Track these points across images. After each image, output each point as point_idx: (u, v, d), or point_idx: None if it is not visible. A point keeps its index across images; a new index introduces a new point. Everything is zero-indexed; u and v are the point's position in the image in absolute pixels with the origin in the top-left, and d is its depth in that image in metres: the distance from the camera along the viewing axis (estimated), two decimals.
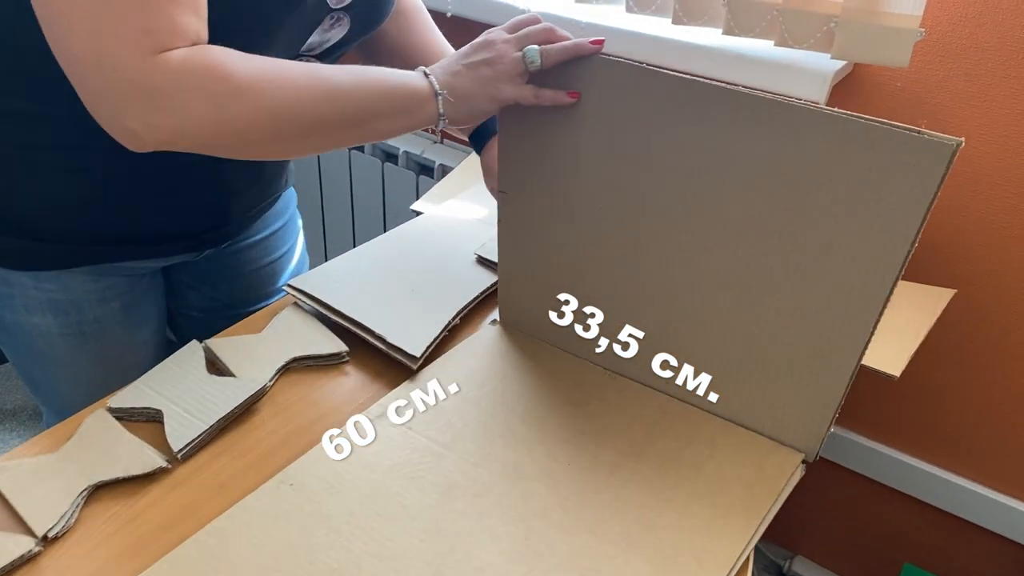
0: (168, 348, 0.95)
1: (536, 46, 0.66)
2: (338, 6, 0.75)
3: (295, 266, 1.06)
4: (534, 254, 0.79)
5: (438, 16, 1.35)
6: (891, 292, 0.60)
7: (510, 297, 0.83)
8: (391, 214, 1.57)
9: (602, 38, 0.65)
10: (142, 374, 0.75)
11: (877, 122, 0.56)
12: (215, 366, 0.77)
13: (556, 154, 0.72)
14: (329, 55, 0.81)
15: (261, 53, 0.68)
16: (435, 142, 1.50)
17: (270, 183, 0.94)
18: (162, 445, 0.69)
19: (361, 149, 1.54)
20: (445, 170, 1.43)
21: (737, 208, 0.64)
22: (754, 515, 0.65)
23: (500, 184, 0.78)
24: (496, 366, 0.80)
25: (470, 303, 0.85)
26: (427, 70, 0.68)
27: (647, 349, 0.76)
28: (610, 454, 0.70)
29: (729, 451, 0.71)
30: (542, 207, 0.75)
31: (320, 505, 0.63)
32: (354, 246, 1.64)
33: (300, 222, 1.08)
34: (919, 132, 0.54)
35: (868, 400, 1.24)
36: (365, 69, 0.66)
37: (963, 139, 0.53)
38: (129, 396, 0.72)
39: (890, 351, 0.86)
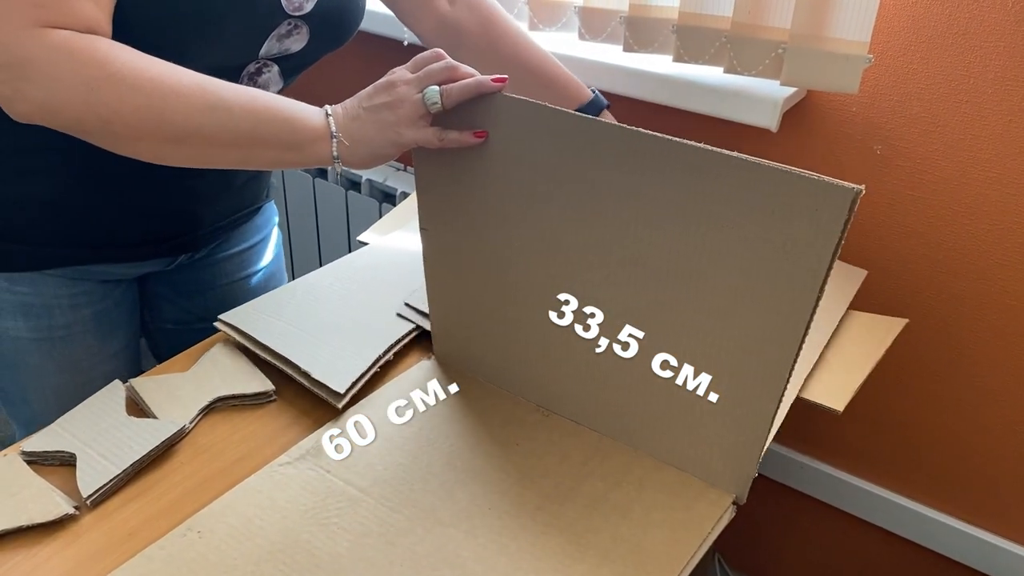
0: (140, 362, 0.95)
1: (436, 87, 0.64)
2: (295, 13, 0.74)
3: (272, 282, 1.05)
4: (461, 290, 0.77)
5: (395, 43, 1.34)
6: (805, 333, 0.58)
7: (443, 333, 0.82)
8: (355, 241, 1.56)
9: (504, 76, 0.64)
10: None
11: (779, 167, 0.54)
12: (137, 406, 0.76)
13: (471, 191, 0.70)
14: (291, 66, 0.81)
15: (209, 52, 0.69)
16: (397, 169, 1.49)
17: (241, 193, 0.94)
18: (74, 491, 0.67)
19: (324, 176, 1.53)
20: (407, 197, 1.42)
21: (646, 248, 0.63)
22: (678, 559, 0.63)
23: (421, 221, 0.76)
24: (424, 406, 0.78)
25: (400, 339, 0.83)
26: (329, 109, 0.66)
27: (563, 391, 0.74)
28: (534, 497, 0.68)
29: (658, 493, 0.69)
30: (463, 243, 0.74)
31: (226, 554, 0.62)
32: None
33: (279, 239, 1.08)
34: (819, 177, 0.53)
35: (831, 429, 1.22)
36: (264, 94, 0.66)
37: (863, 187, 0.52)
38: (43, 439, 0.70)
39: (836, 384, 0.84)
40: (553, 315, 0.72)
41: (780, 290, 0.58)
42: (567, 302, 0.70)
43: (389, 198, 1.47)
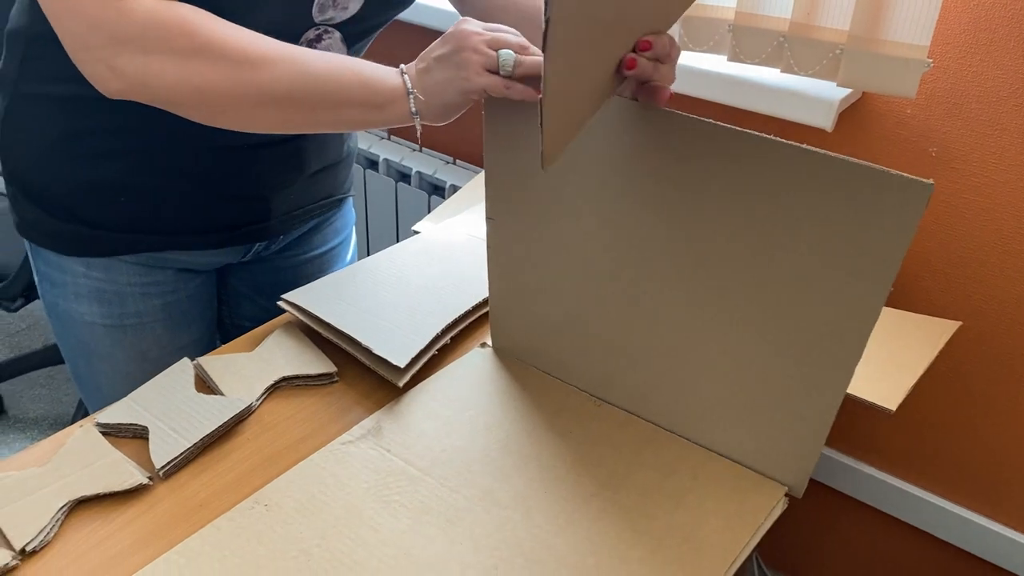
0: None
1: (512, 52, 0.65)
2: None
3: None
4: (523, 280, 0.79)
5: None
6: (871, 329, 0.59)
7: (500, 321, 0.83)
8: (404, 233, 1.58)
9: None
10: None
11: (855, 161, 0.55)
12: (205, 384, 0.78)
13: (539, 182, 0.72)
14: (353, 32, 0.81)
15: (261, 12, 0.70)
16: (447, 163, 1.51)
17: (315, 182, 0.95)
18: (146, 462, 0.69)
19: (375, 168, 1.56)
20: (456, 191, 1.44)
21: (719, 242, 0.64)
22: (731, 549, 0.64)
23: (488, 211, 0.78)
24: (482, 390, 0.80)
25: (457, 320, 0.85)
26: (403, 67, 0.68)
27: (635, 376, 0.75)
28: (589, 483, 0.70)
29: (711, 483, 0.70)
30: (528, 233, 0.76)
31: (292, 527, 0.64)
32: None
33: (356, 242, 1.10)
34: (896, 172, 0.54)
35: (877, 430, 1.22)
36: (343, 58, 0.68)
37: (933, 182, 0.52)
38: (117, 412, 0.73)
39: (889, 384, 0.84)
40: (614, 307, 0.73)
41: (850, 284, 0.59)
42: (630, 294, 0.71)
43: (438, 190, 1.49)
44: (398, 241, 1.61)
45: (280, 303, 0.86)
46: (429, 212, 1.51)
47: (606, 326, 0.75)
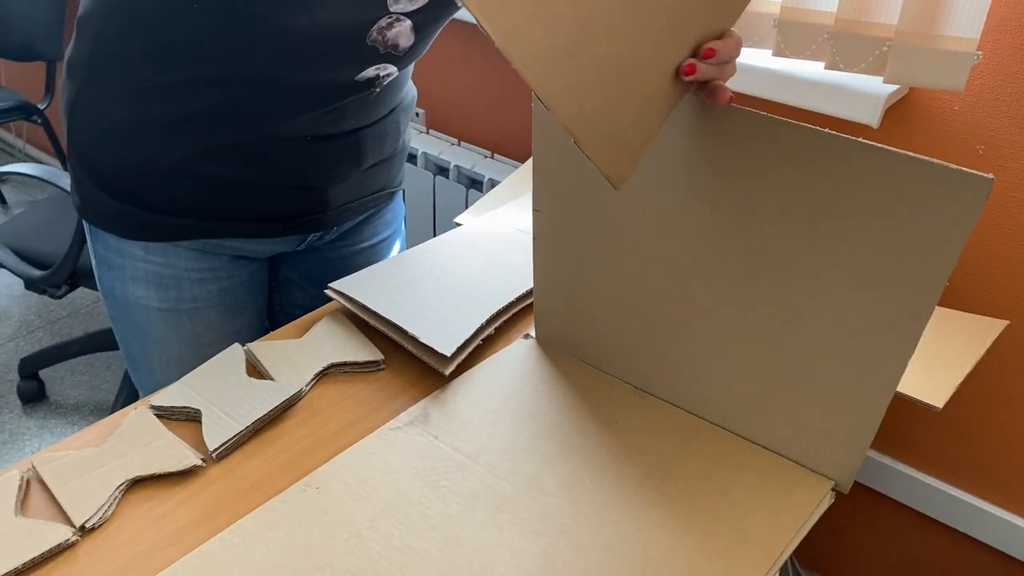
0: None
1: None
2: None
3: None
4: (569, 272, 0.79)
5: None
6: (925, 325, 0.59)
7: (544, 313, 0.84)
8: (441, 226, 1.59)
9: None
10: None
11: (914, 156, 0.55)
12: (255, 369, 0.80)
13: (587, 175, 0.72)
14: (423, 19, 0.80)
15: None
16: (485, 156, 1.52)
17: (371, 175, 0.96)
18: (199, 444, 0.71)
19: (414, 162, 1.57)
20: (495, 184, 1.45)
21: (771, 236, 0.64)
22: (778, 542, 0.64)
23: (535, 203, 0.78)
24: (526, 380, 0.80)
25: (501, 311, 0.86)
26: None
27: (680, 368, 0.76)
28: (635, 473, 0.70)
29: (757, 476, 0.70)
30: (576, 226, 0.76)
31: (343, 510, 0.65)
32: None
33: (404, 234, 1.12)
34: (956, 167, 0.53)
35: (914, 430, 1.21)
36: None
37: (994, 176, 0.52)
38: (170, 395, 0.75)
39: (935, 381, 0.84)
40: (661, 299, 0.73)
41: (905, 279, 0.58)
42: (677, 287, 0.72)
43: (476, 184, 1.50)
44: (435, 234, 1.62)
45: (327, 291, 0.87)
46: (467, 205, 1.52)
47: (652, 318, 0.75)
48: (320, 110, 0.82)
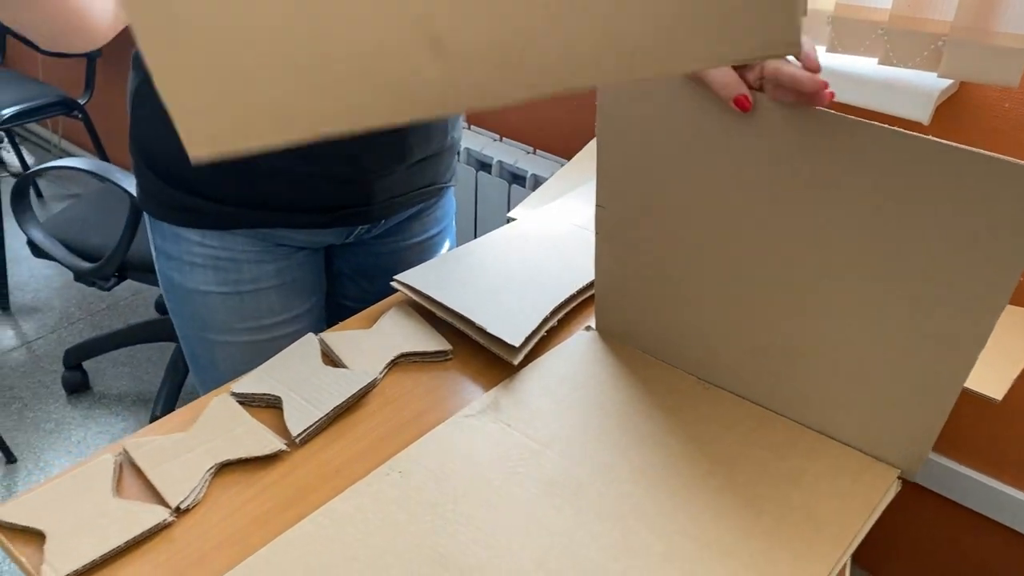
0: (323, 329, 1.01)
1: None
2: None
3: None
4: (631, 267, 0.81)
5: None
6: (997, 318, 0.60)
7: (606, 305, 0.86)
8: (483, 221, 1.61)
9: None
10: None
11: (992, 155, 0.56)
12: (329, 358, 0.82)
13: (654, 171, 0.74)
14: None
15: None
16: (528, 152, 1.54)
17: (418, 170, 0.98)
18: (280, 430, 0.73)
19: (457, 157, 1.59)
20: (537, 179, 1.47)
21: (841, 233, 0.65)
22: (849, 527, 0.66)
23: (598, 198, 0.80)
24: (591, 371, 0.82)
25: (564, 302, 0.88)
26: None
27: (746, 362, 0.77)
28: (705, 461, 0.72)
29: (825, 464, 0.72)
30: (640, 221, 0.78)
31: (427, 493, 0.67)
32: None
33: (454, 231, 1.14)
34: None
35: (964, 426, 1.22)
36: None
37: None
38: (250, 383, 0.77)
39: (992, 374, 0.85)
40: (725, 292, 0.75)
41: (977, 274, 0.60)
42: (741, 280, 0.73)
43: (518, 180, 1.52)
44: (477, 228, 1.64)
45: (393, 283, 0.89)
46: (510, 201, 1.54)
47: (717, 311, 0.77)
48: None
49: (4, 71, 2.39)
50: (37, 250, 1.67)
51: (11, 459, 1.76)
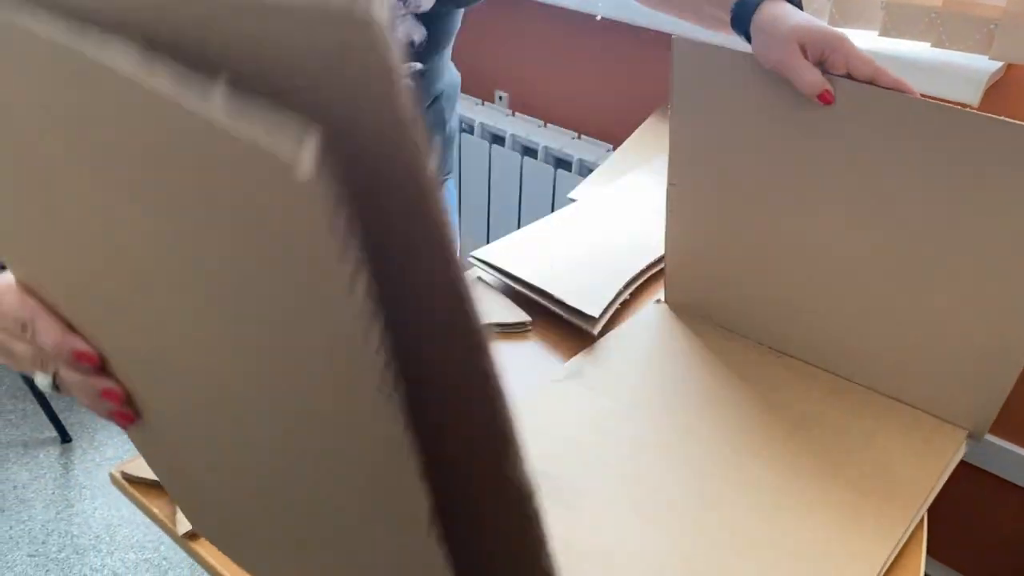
0: None
1: (49, 378, 0.47)
2: None
3: None
4: (702, 242, 0.85)
5: (587, 18, 1.42)
6: None
7: (676, 279, 0.89)
8: (527, 207, 1.65)
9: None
10: None
11: None
12: None
13: (727, 150, 0.77)
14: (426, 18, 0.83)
15: None
16: (573, 138, 1.57)
17: None
18: None
19: (501, 143, 1.63)
20: (583, 164, 1.50)
21: (906, 205, 0.69)
22: (925, 485, 0.70)
23: (669, 176, 0.84)
24: (665, 341, 0.86)
25: (636, 276, 0.91)
26: None
27: (817, 332, 0.81)
28: (781, 424, 0.75)
29: (897, 427, 0.76)
30: (711, 199, 0.81)
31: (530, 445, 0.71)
32: (488, 237, 1.73)
33: (458, 224, 1.17)
34: None
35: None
36: None
37: None
38: None
39: None
40: (796, 263, 0.78)
41: None
42: (811, 249, 0.77)
43: (564, 164, 1.55)
44: (521, 215, 1.68)
45: (470, 259, 0.93)
46: (555, 186, 1.58)
47: (786, 282, 0.80)
48: None
49: None
50: None
51: (66, 439, 1.81)
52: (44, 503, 1.68)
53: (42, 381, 0.46)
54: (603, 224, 1.02)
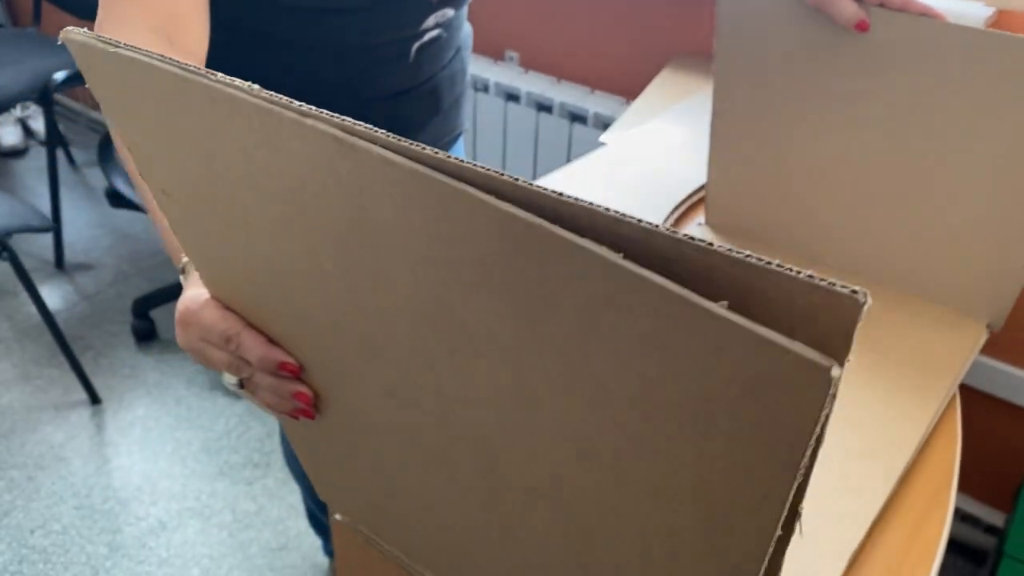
0: None
1: (235, 378, 0.54)
2: None
3: None
4: (744, 165, 0.94)
5: None
6: None
7: (718, 202, 0.98)
8: (542, 162, 1.73)
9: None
10: None
11: None
12: None
13: (771, 79, 0.86)
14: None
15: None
16: (587, 93, 1.65)
17: (447, 118, 1.04)
18: None
19: (517, 101, 1.70)
20: (599, 117, 1.58)
21: (931, 115, 0.78)
22: (955, 363, 0.80)
23: (715, 104, 0.92)
24: None
25: (680, 203, 1.00)
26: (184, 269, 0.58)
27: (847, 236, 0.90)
28: None
29: (926, 320, 0.86)
30: (754, 123, 0.90)
31: None
32: None
33: None
34: None
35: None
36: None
37: None
38: None
39: None
40: (835, 175, 0.88)
41: None
42: (847, 166, 0.86)
43: (579, 119, 1.63)
44: (535, 168, 1.76)
45: None
46: (569, 140, 1.66)
47: (823, 196, 0.89)
48: (396, 66, 0.90)
49: (42, 36, 2.45)
50: (116, 200, 1.76)
51: (96, 400, 1.86)
52: (83, 460, 1.73)
53: (229, 380, 0.53)
54: (639, 161, 1.11)
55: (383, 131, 0.30)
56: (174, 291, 2.07)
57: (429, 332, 0.36)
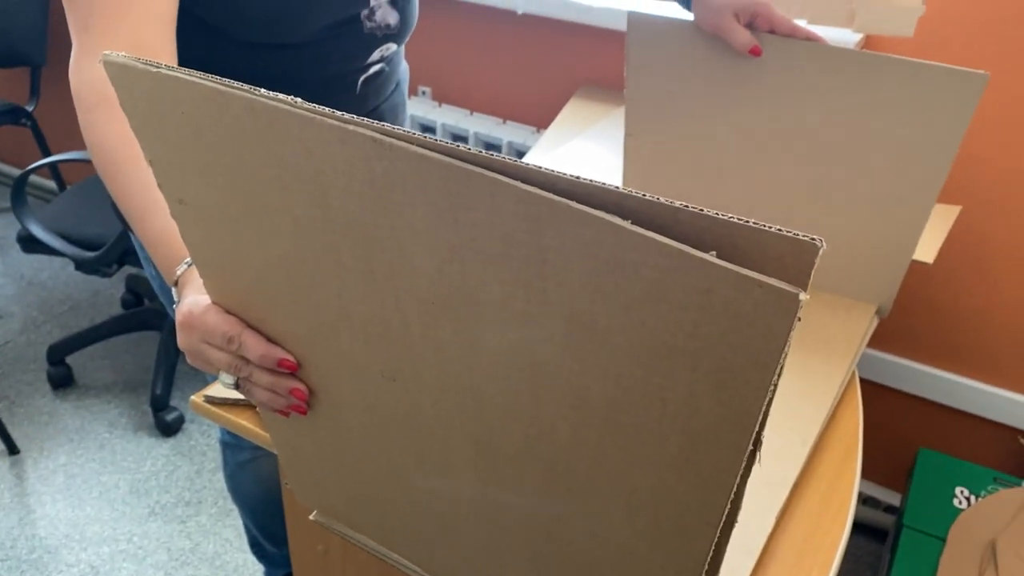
0: None
1: (231, 376, 0.58)
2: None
3: None
4: (656, 179, 1.03)
5: (508, 14, 1.60)
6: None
7: None
8: None
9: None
10: None
11: (917, 61, 0.82)
12: None
13: (677, 102, 0.97)
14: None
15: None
16: (498, 124, 1.74)
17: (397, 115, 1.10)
18: None
19: (433, 132, 1.77)
20: (512, 146, 1.67)
21: (818, 127, 0.90)
22: (852, 344, 0.91)
23: (627, 128, 1.02)
24: None
25: None
26: (180, 275, 0.61)
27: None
28: None
29: (824, 305, 0.97)
30: (665, 143, 1.00)
31: None
32: None
33: None
34: (955, 68, 0.80)
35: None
36: (161, 213, 0.62)
37: (988, 73, 0.79)
38: None
39: (923, 244, 1.12)
40: (741, 186, 0.98)
41: (918, 155, 0.85)
42: (752, 174, 0.97)
43: (494, 147, 1.72)
44: None
45: None
46: None
47: (729, 200, 1.00)
48: (343, 97, 0.95)
49: None
50: (30, 245, 1.73)
51: (14, 451, 1.81)
52: (4, 511, 1.68)
53: (227, 380, 0.58)
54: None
55: (414, 131, 0.36)
56: (91, 335, 2.05)
57: (441, 312, 0.42)
